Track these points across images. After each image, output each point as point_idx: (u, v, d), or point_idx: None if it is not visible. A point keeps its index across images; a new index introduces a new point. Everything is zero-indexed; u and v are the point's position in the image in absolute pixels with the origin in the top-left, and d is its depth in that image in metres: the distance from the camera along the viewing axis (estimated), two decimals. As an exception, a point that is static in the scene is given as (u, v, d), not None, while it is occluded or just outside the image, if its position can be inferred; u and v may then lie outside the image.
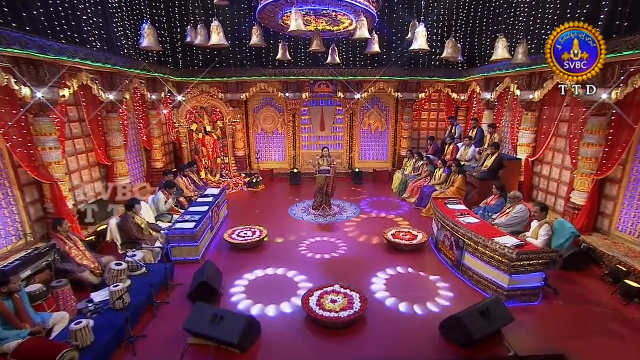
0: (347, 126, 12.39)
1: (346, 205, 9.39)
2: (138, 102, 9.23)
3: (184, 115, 9.85)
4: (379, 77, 11.14)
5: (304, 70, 11.21)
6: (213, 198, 7.70)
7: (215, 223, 7.36)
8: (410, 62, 11.42)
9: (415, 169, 10.21)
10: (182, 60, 11.24)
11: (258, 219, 8.37)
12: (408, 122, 12.00)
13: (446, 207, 6.77)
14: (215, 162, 10.86)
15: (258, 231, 7.15)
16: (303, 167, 12.53)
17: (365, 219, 8.54)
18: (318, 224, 8.19)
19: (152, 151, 9.86)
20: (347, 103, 11.81)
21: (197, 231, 6.13)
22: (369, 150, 12.65)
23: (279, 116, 12.21)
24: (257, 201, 9.86)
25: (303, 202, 9.65)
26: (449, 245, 6.06)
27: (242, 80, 11.25)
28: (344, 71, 11.23)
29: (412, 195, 9.66)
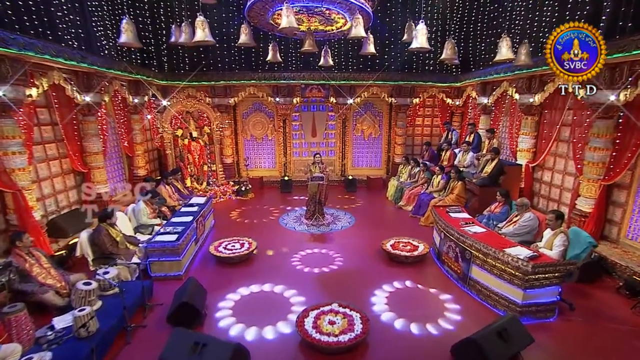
0: (339, 132, 11.98)
1: (340, 214, 8.92)
2: (119, 105, 8.66)
3: (169, 120, 9.29)
4: (372, 81, 10.79)
5: (294, 74, 10.80)
6: (198, 207, 7.14)
7: (200, 234, 6.80)
8: (403, 67, 11.11)
9: (411, 176, 9.81)
10: (167, 62, 10.74)
11: (247, 230, 7.83)
12: (402, 127, 11.66)
13: (448, 215, 6.35)
14: (202, 169, 10.30)
15: (246, 243, 6.61)
16: (294, 174, 12.05)
17: (360, 228, 8.06)
18: (311, 234, 7.68)
19: (134, 158, 9.26)
20: (340, 108, 11.42)
21: (180, 244, 5.57)
22: (362, 156, 12.25)
23: (268, 122, 11.74)
24: (246, 210, 9.32)
25: (294, 211, 9.14)
26: (454, 257, 5.61)
27: (230, 84, 10.77)
28: (336, 75, 10.85)
29: (408, 203, 9.25)
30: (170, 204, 7.41)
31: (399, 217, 8.82)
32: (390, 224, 8.40)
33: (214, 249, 6.36)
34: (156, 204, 6.82)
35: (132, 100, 8.79)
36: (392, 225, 8.34)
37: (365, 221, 8.48)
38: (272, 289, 5.39)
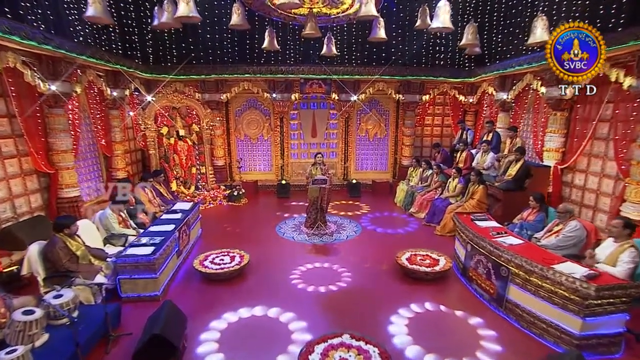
0: (341, 132, 11.21)
1: (344, 222, 8.11)
2: (95, 98, 7.84)
3: (152, 116, 8.49)
4: (378, 76, 10.05)
5: (293, 67, 10.05)
6: (182, 215, 6.31)
7: (183, 246, 5.96)
8: (412, 61, 10.39)
9: (423, 179, 9.04)
10: (153, 54, 9.94)
11: (238, 240, 7.00)
12: (410, 127, 10.90)
13: (475, 224, 5.55)
14: (190, 171, 9.47)
15: (237, 256, 5.78)
16: (292, 178, 11.24)
17: (368, 238, 7.26)
18: (312, 245, 6.87)
19: (112, 158, 8.42)
20: (342, 105, 10.65)
21: (157, 258, 4.74)
22: (366, 159, 11.47)
23: (264, 120, 10.96)
24: (238, 218, 8.50)
25: (293, 218, 8.33)
26: (485, 274, 4.81)
27: (222, 78, 9.99)
28: (339, 69, 10.11)
29: (420, 210, 8.46)
30: (151, 210, 6.57)
31: (411, 226, 8.02)
32: (402, 234, 7.60)
33: (199, 264, 5.52)
34: (131, 210, 5.98)
35: (111, 93, 7.98)
36: (404, 234, 7.53)
37: (374, 229, 7.68)
38: (267, 312, 4.57)
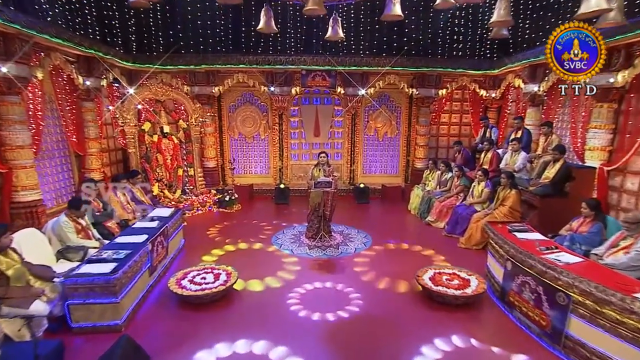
0: (347, 131, 10.36)
1: (352, 232, 7.23)
2: (64, 88, 7.05)
3: (132, 110, 7.68)
4: (390, 67, 9.22)
5: (293, 57, 9.24)
6: (159, 223, 5.46)
7: (158, 261, 5.10)
8: (427, 51, 9.59)
9: (442, 183, 8.16)
10: (136, 42, 9.20)
11: (227, 253, 6.15)
12: (425, 125, 10.05)
13: (514, 236, 4.66)
14: (176, 173, 8.64)
15: (223, 273, 4.91)
16: (292, 181, 10.39)
17: (381, 252, 6.38)
18: (314, 259, 6.00)
19: (85, 157, 7.61)
20: (349, 101, 9.82)
21: (119, 277, 3.88)
22: (375, 161, 10.62)
23: (261, 117, 10.14)
24: (229, 226, 7.64)
25: (292, 228, 7.46)
26: (533, 300, 3.92)
27: (213, 68, 9.19)
28: (345, 60, 9.30)
29: (439, 218, 7.58)
30: (123, 217, 5.72)
31: (429, 237, 7.14)
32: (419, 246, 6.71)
33: (175, 284, 4.65)
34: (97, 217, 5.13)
35: (84, 82, 7.17)
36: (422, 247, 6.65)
37: (387, 241, 6.79)
38: (259, 350, 3.68)
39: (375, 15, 9.34)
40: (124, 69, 8.59)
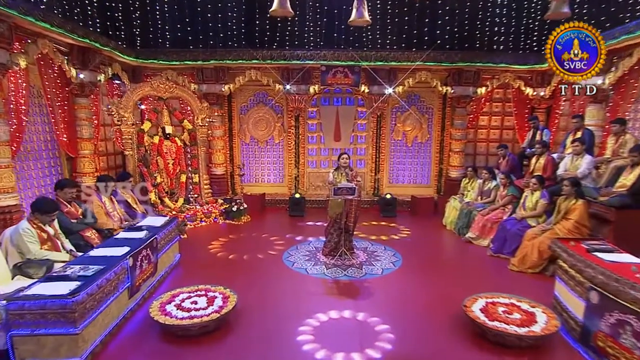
0: (372, 135, 9.52)
1: (378, 249, 6.31)
2: (55, 81, 6.50)
3: (130, 107, 7.07)
4: (421, 62, 8.37)
5: (312, 52, 8.53)
6: (147, 233, 4.69)
7: (142, 280, 4.31)
8: (464, 43, 8.72)
9: (484, 194, 7.16)
10: (141, 36, 8.73)
11: (228, 271, 5.35)
12: (461, 129, 9.10)
13: (596, 257, 3.66)
14: (178, 179, 7.95)
15: (219, 297, 4.08)
16: (308, 191, 9.59)
17: (413, 273, 5.43)
18: (333, 281, 5.11)
19: (77, 160, 7.02)
20: (374, 101, 9.00)
21: (79, 301, 3.10)
22: (403, 169, 9.72)
23: (275, 119, 9.45)
24: (235, 240, 6.85)
25: (307, 243, 6.61)
26: (638, 348, 2.90)
27: (223, 64, 8.60)
28: (370, 54, 8.52)
29: (482, 235, 6.57)
30: (107, 226, 5.00)
31: (471, 257, 6.15)
32: (462, 268, 5.74)
33: (159, 309, 3.84)
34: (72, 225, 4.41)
35: (77, 76, 6.64)
36: (465, 269, 5.68)
37: (420, 261, 5.85)
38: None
39: (403, 4, 8.60)
40: (125, 64, 8.09)
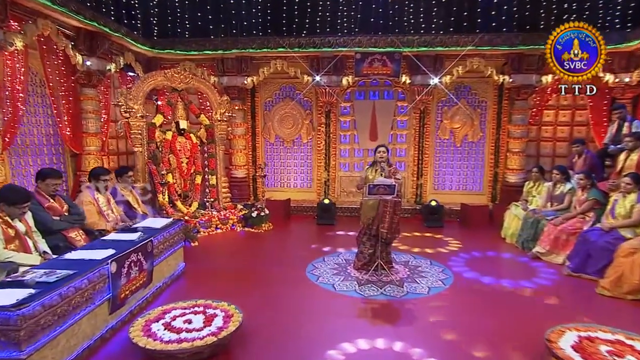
0: (414, 133, 8.67)
1: (422, 264, 5.44)
2: (59, 68, 6.19)
3: (140, 98, 6.66)
4: (472, 46, 7.52)
5: (345, 38, 7.91)
6: (140, 236, 4.10)
7: (129, 291, 3.70)
8: (525, 23, 7.77)
9: (555, 199, 6.12)
10: (158, 26, 8.45)
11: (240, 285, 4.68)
12: (521, 125, 8.08)
13: None
14: (193, 181, 7.45)
15: (221, 315, 3.38)
16: (340, 198, 8.86)
17: (469, 293, 4.53)
18: (366, 301, 4.30)
19: (81, 157, 6.67)
20: (417, 94, 8.16)
21: (27, 315, 2.50)
22: (451, 173, 8.80)
23: (303, 116, 8.85)
24: (252, 249, 6.21)
25: (336, 255, 5.85)
26: None
27: (246, 54, 8.12)
28: (412, 39, 7.76)
29: (555, 249, 5.54)
30: (98, 226, 4.46)
31: (542, 276, 5.13)
32: (529, 289, 4.74)
33: (142, 329, 3.19)
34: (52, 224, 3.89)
35: (84, 63, 6.31)
36: (536, 291, 4.68)
37: (477, 280, 4.92)
38: None
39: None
40: (139, 54, 7.77)
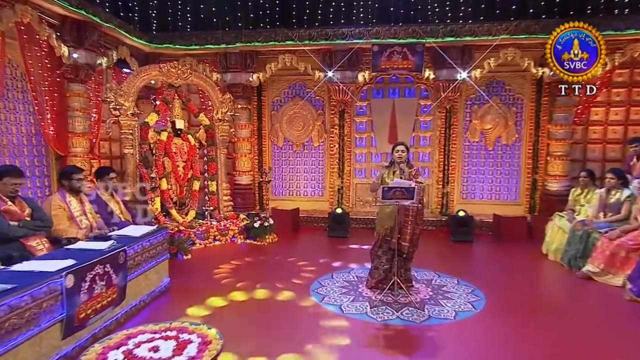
0: (439, 135, 8.15)
1: (447, 283, 4.87)
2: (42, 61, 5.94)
3: (131, 95, 6.35)
4: (507, 35, 6.98)
5: (361, 29, 7.53)
6: (111, 244, 3.69)
7: (93, 311, 3.26)
8: (567, 6, 7.17)
9: (610, 208, 5.44)
10: (157, 20, 8.22)
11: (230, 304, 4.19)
12: (564, 125, 7.42)
13: None
14: (190, 187, 7.08)
15: (196, 342, 2.89)
16: (355, 208, 8.39)
17: (505, 319, 3.95)
18: (379, 326, 3.77)
19: (67, 159, 6.38)
20: (442, 90, 7.64)
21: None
22: (481, 180, 8.23)
23: (314, 116, 8.46)
24: (252, 264, 5.76)
25: (348, 271, 5.34)
26: None
27: (251, 48, 7.81)
28: (437, 29, 7.30)
29: (611, 268, 4.88)
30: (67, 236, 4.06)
31: (597, 301, 4.51)
32: (584, 318, 4.11)
33: (96, 359, 2.73)
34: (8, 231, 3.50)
35: (69, 55, 6.06)
36: (589, 319, 4.06)
37: (513, 304, 4.34)
38: None
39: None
40: (135, 49, 7.54)
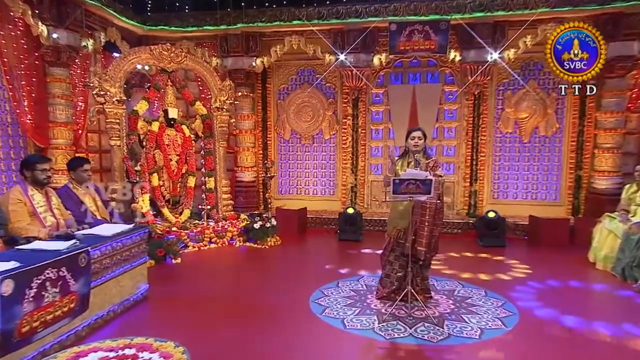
0: (466, 126, 7.75)
1: (473, 294, 4.42)
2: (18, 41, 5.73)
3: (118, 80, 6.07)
4: (546, 8, 6.50)
5: (377, 5, 7.18)
6: (72, 244, 3.35)
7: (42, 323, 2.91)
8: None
9: (671, 207, 4.89)
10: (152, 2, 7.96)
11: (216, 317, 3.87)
12: (615, 112, 6.89)
13: None
14: (184, 183, 6.79)
15: (155, 364, 2.51)
16: (370, 208, 8.06)
17: (541, 341, 3.50)
18: (389, 345, 3.38)
19: (47, 151, 6.15)
20: (470, 74, 7.16)
21: None
22: (515, 176, 7.82)
23: (325, 105, 8.16)
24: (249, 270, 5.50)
25: (355, 278, 4.96)
26: None
27: (254, 29, 7.57)
28: (464, 3, 6.88)
29: (674, 279, 4.32)
30: (26, 234, 3.73)
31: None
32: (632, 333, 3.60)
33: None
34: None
35: (50, 35, 5.83)
36: None
37: (554, 321, 3.84)
38: None
39: None
40: (126, 30, 7.35)
